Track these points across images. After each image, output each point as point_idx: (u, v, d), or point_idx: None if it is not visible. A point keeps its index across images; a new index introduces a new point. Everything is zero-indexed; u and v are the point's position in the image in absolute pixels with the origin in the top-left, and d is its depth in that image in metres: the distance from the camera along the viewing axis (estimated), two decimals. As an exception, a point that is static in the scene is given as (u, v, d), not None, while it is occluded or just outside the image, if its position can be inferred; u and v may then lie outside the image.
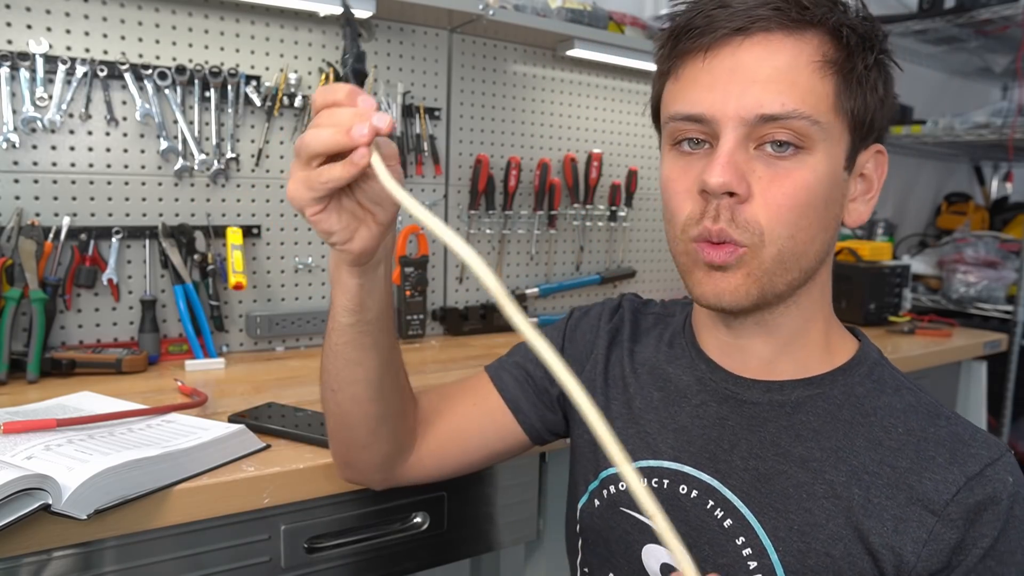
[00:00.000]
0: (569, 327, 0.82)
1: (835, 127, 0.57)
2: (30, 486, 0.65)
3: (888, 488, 0.58)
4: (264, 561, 0.87)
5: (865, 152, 0.62)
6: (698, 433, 0.66)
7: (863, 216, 0.63)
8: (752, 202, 0.57)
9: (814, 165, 0.57)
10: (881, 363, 0.66)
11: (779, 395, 0.64)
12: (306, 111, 1.44)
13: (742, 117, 0.56)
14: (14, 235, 1.18)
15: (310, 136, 0.52)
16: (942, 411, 0.62)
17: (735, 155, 0.56)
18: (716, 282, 0.59)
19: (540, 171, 1.76)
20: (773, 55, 0.56)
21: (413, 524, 0.98)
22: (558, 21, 1.62)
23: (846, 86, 0.57)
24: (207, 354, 1.33)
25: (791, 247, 0.58)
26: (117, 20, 1.26)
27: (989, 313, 2.28)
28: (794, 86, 0.55)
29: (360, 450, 0.73)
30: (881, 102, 0.60)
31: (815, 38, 0.57)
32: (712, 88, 0.57)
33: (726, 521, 0.61)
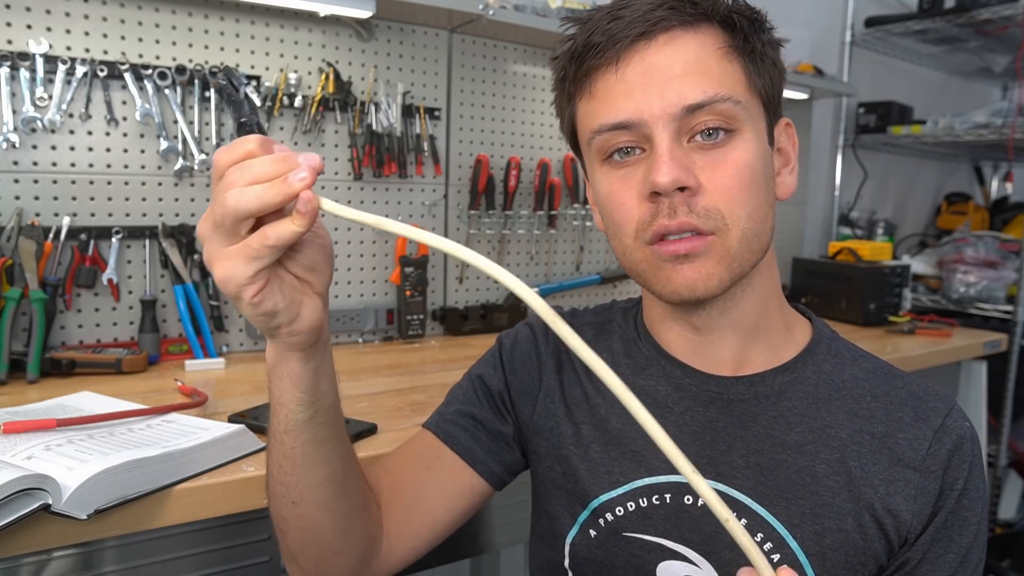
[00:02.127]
0: (505, 359, 0.76)
1: (753, 105, 0.60)
2: (30, 486, 0.65)
3: (873, 454, 0.61)
4: (264, 561, 0.87)
5: (777, 126, 0.64)
6: (690, 440, 0.64)
7: (791, 187, 0.65)
8: (703, 192, 0.58)
9: (746, 144, 0.58)
10: (833, 337, 0.69)
11: (762, 387, 0.65)
12: (306, 111, 1.44)
13: (669, 113, 0.57)
14: (14, 235, 1.18)
15: (232, 198, 0.44)
16: (894, 371, 0.66)
17: (674, 151, 0.57)
18: (686, 273, 0.59)
19: (540, 171, 1.76)
20: (680, 50, 0.58)
21: (413, 524, 0.98)
22: (558, 21, 1.62)
23: (753, 66, 0.60)
24: (207, 354, 1.33)
25: (751, 226, 0.59)
26: (117, 20, 1.26)
27: (989, 313, 2.28)
28: (708, 74, 0.57)
29: (333, 558, 0.64)
30: (781, 76, 0.63)
31: (711, 28, 0.59)
32: (631, 94, 0.58)
33: (741, 520, 0.61)
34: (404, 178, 1.58)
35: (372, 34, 1.52)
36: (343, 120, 1.49)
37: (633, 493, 0.65)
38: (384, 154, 1.53)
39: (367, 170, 1.53)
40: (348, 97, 1.48)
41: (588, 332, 0.75)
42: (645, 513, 0.64)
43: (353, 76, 1.50)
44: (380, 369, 1.34)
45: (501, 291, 1.79)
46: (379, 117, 1.52)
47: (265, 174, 0.45)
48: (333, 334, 1.54)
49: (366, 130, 1.52)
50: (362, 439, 0.95)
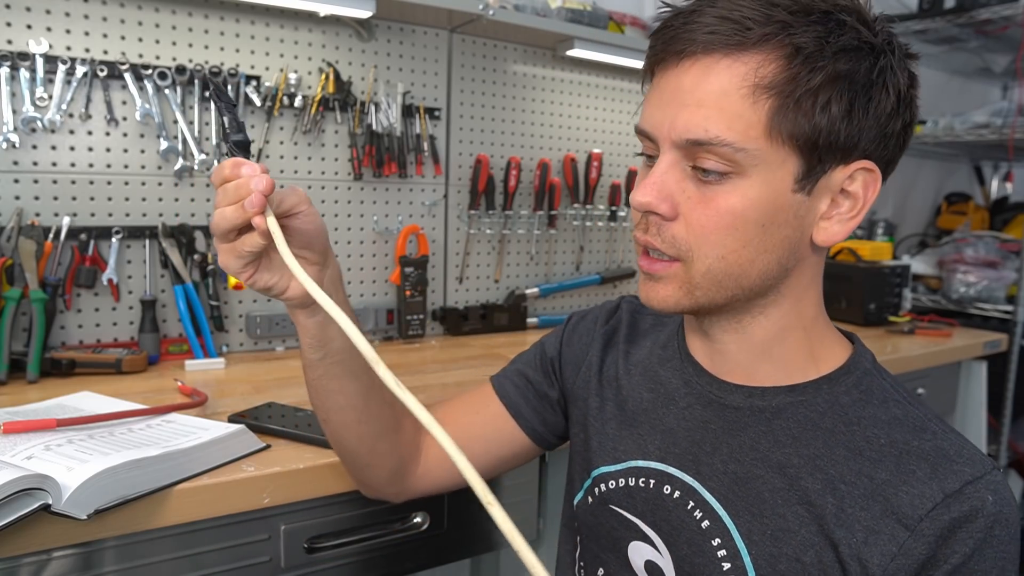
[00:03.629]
0: (567, 331, 0.85)
1: (771, 152, 0.56)
2: (30, 486, 0.65)
3: (863, 499, 0.57)
4: (264, 561, 0.87)
5: (842, 170, 0.58)
6: (683, 435, 0.67)
7: (837, 236, 0.60)
8: (678, 221, 0.59)
9: (745, 190, 0.56)
10: (872, 373, 0.65)
11: (760, 400, 0.64)
12: (306, 111, 1.44)
13: (674, 139, 0.58)
14: (14, 235, 1.18)
15: (217, 218, 0.59)
16: (930, 425, 0.60)
17: (667, 175, 0.58)
18: (647, 289, 0.63)
19: (540, 171, 1.76)
20: (707, 79, 0.56)
21: (413, 524, 0.98)
22: (558, 21, 1.62)
23: (782, 109, 0.55)
24: (207, 354, 1.33)
25: (722, 267, 0.59)
26: (117, 20, 1.26)
27: (989, 313, 2.28)
28: (721, 112, 0.55)
29: (364, 469, 0.76)
30: (845, 117, 0.56)
31: (754, 60, 0.55)
32: (658, 106, 0.59)
33: (704, 522, 0.63)
34: (404, 178, 1.58)
35: (372, 34, 1.52)
36: (343, 120, 1.49)
37: (627, 471, 0.70)
38: (384, 154, 1.53)
39: (367, 170, 1.53)
40: (348, 97, 1.48)
41: (648, 321, 0.81)
42: (630, 492, 0.69)
43: (353, 76, 1.50)
44: (380, 369, 1.34)
45: (501, 291, 1.79)
46: (379, 117, 1.52)
47: (235, 198, 0.58)
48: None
49: (366, 130, 1.52)
50: (362, 439, 0.95)
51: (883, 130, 0.58)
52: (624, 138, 1.95)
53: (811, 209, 0.59)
